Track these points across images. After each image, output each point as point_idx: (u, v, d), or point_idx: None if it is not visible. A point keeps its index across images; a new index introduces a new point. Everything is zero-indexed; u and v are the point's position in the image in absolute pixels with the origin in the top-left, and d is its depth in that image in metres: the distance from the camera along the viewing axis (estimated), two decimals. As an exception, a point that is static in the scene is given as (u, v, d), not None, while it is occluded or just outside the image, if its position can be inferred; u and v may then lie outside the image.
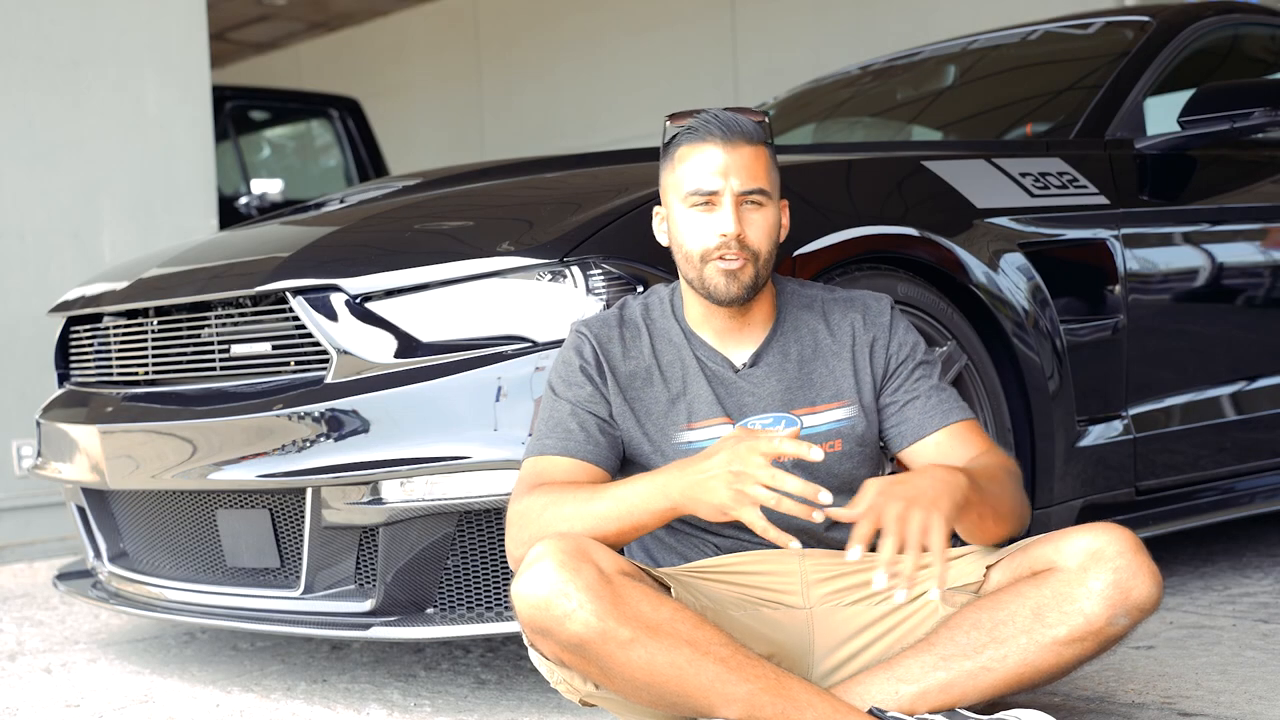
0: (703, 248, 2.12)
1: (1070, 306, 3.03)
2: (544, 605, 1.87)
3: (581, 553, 1.88)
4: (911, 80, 4.24)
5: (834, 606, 2.11)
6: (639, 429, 2.15)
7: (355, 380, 2.53)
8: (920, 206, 2.90)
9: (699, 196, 2.12)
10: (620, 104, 9.61)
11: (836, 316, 2.22)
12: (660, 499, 1.93)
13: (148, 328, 2.98)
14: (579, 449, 2.11)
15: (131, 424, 2.89)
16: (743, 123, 2.13)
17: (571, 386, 2.16)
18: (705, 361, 2.18)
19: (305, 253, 2.76)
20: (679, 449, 2.14)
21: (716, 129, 2.12)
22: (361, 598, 2.58)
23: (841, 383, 2.18)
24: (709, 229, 2.12)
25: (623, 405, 2.15)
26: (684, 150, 2.15)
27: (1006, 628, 1.94)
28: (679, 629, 1.88)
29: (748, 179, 2.11)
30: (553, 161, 3.28)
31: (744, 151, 2.11)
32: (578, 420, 2.13)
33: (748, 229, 2.11)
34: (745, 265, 2.11)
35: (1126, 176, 3.26)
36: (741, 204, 2.11)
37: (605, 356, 2.17)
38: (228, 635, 3.29)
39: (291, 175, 8.44)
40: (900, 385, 2.19)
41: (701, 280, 2.13)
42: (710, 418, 2.14)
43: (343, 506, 2.53)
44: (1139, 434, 3.13)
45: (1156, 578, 1.94)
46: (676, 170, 2.15)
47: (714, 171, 2.11)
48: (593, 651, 1.87)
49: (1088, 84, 3.57)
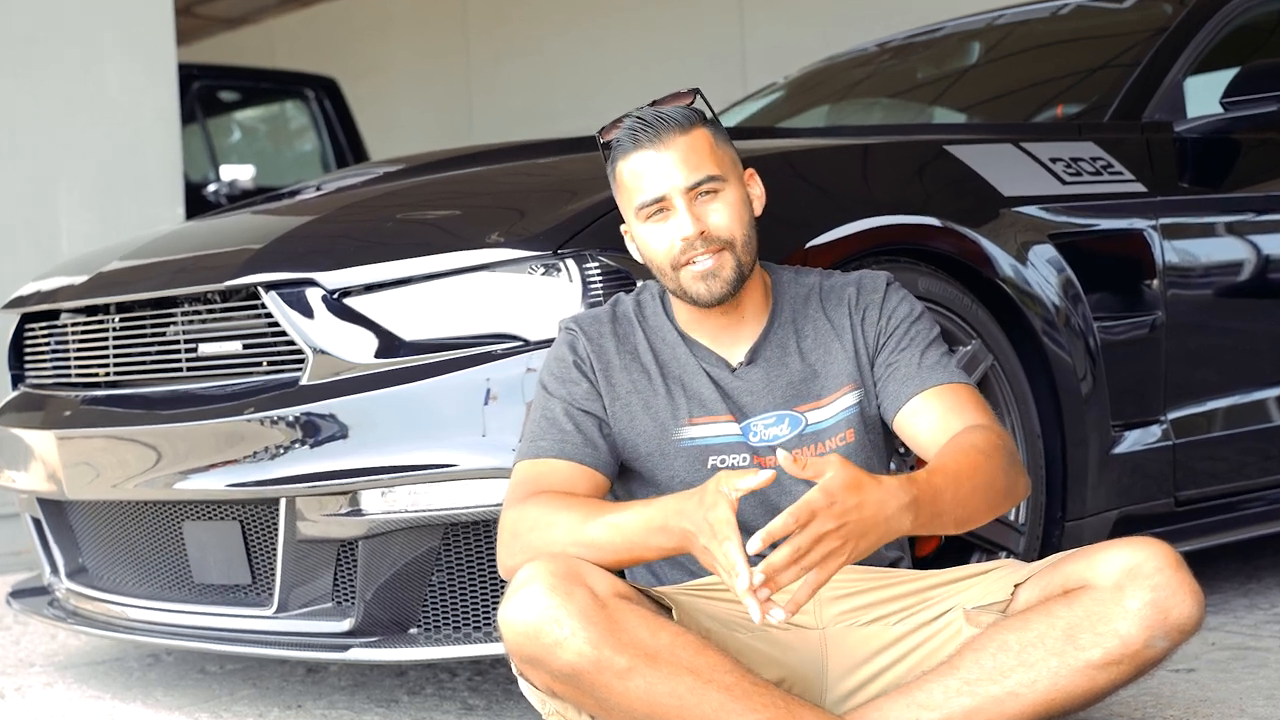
0: (670, 257, 2.14)
1: (1104, 302, 3.03)
2: (533, 633, 1.86)
3: (573, 575, 1.88)
4: (933, 58, 4.24)
5: (849, 626, 2.11)
6: (636, 428, 2.15)
7: (332, 382, 2.53)
8: (942, 194, 2.90)
9: (650, 208, 2.14)
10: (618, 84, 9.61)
11: (833, 301, 2.23)
12: (662, 534, 1.92)
13: (108, 325, 2.98)
14: (576, 451, 2.12)
15: (91, 429, 2.89)
16: (667, 115, 2.14)
17: (565, 384, 2.16)
18: (701, 363, 2.19)
19: (278, 244, 2.76)
20: (680, 447, 2.14)
21: (642, 132, 2.13)
22: (339, 617, 2.58)
23: (845, 367, 2.19)
24: (670, 236, 2.13)
25: (618, 404, 2.15)
26: (621, 166, 2.17)
27: (1036, 650, 1.94)
28: (680, 655, 1.88)
29: (690, 171, 2.12)
30: (546, 146, 3.28)
31: (678, 144, 2.12)
32: (573, 421, 2.13)
33: (710, 220, 2.12)
34: (721, 258, 2.12)
35: (1165, 162, 3.26)
36: (695, 198, 2.12)
37: (599, 352, 2.18)
38: (195, 657, 3.29)
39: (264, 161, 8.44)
40: (886, 357, 2.19)
41: (682, 290, 2.15)
42: (714, 414, 2.15)
43: (319, 518, 2.53)
44: (1179, 440, 3.13)
45: (1198, 596, 1.93)
46: (623, 186, 2.18)
47: (654, 177, 2.12)
48: (587, 682, 1.87)
49: (1123, 62, 3.57)
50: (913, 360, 2.17)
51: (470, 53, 10.76)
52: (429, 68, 11.01)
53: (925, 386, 2.15)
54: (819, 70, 4.55)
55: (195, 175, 7.51)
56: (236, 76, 8.64)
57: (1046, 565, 2.05)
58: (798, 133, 3.63)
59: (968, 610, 2.05)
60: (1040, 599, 2.00)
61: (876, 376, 2.19)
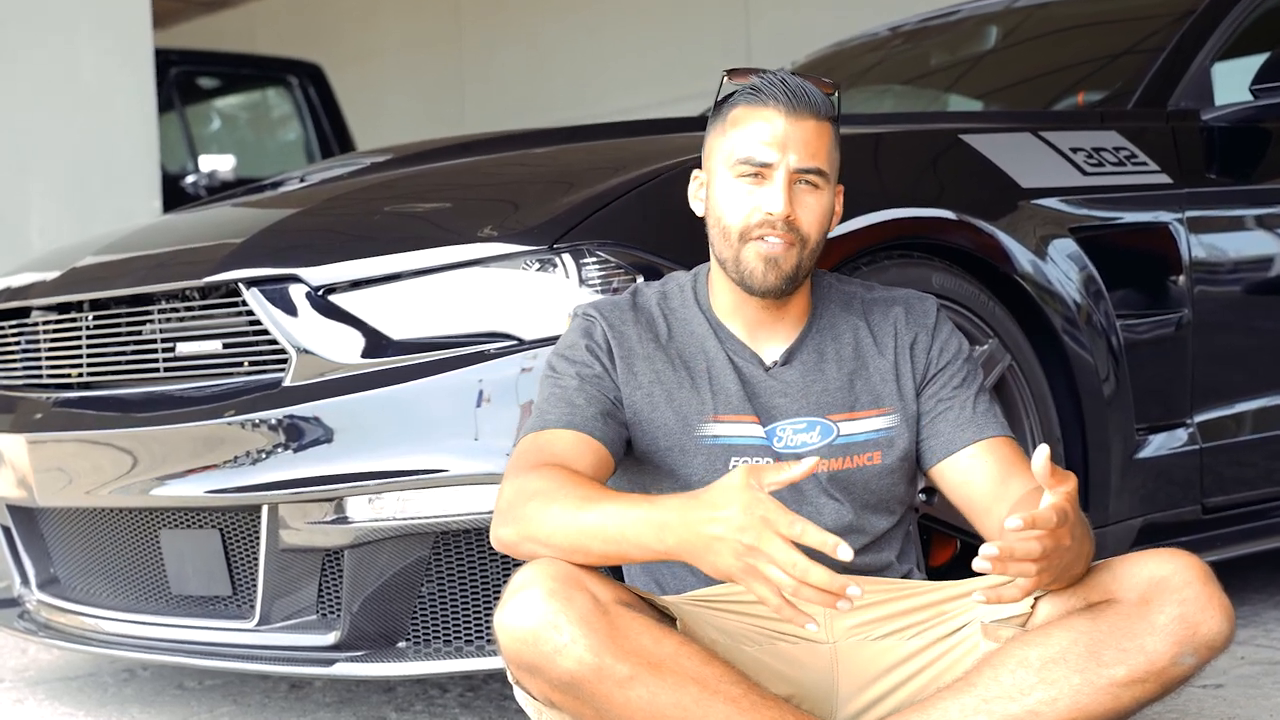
0: (744, 224, 2.12)
1: (1128, 299, 3.02)
2: (532, 639, 1.86)
3: (574, 579, 1.88)
4: (948, 43, 4.24)
5: (861, 640, 2.10)
6: (657, 420, 2.13)
7: (317, 383, 2.53)
8: (958, 186, 2.90)
9: (749, 166, 2.12)
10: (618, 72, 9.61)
11: (878, 316, 2.22)
12: (654, 537, 1.87)
13: (82, 323, 2.98)
14: (585, 423, 2.09)
15: (63, 432, 2.89)
16: (811, 92, 2.14)
17: (576, 364, 2.14)
18: (733, 356, 2.17)
19: (260, 238, 2.75)
20: (702, 444, 2.13)
21: (781, 94, 2.12)
22: (324, 630, 2.58)
23: (882, 388, 2.18)
24: (755, 204, 2.11)
25: (639, 393, 2.13)
26: (740, 112, 2.14)
27: (1058, 667, 1.94)
28: (684, 665, 1.88)
29: (807, 155, 2.11)
30: (542, 135, 3.28)
31: (808, 124, 2.12)
32: (585, 395, 2.11)
33: (799, 210, 2.11)
34: (790, 250, 2.11)
35: (1192, 152, 3.26)
36: (796, 182, 2.11)
37: (619, 339, 2.15)
38: (173, 672, 3.29)
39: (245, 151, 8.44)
40: (936, 393, 2.19)
41: (737, 263, 2.13)
42: (739, 413, 2.14)
43: (303, 526, 2.53)
44: (1206, 444, 3.12)
45: (1227, 610, 1.93)
46: (728, 133, 2.15)
47: (771, 141, 2.11)
48: (587, 691, 1.86)
49: (1147, 47, 3.56)
50: (966, 404, 2.17)
51: (463, 38, 10.77)
52: (419, 53, 11.01)
53: (981, 437, 2.16)
54: (828, 56, 4.54)
55: (173, 166, 7.51)
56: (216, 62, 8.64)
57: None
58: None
59: (986, 624, 2.04)
60: (1062, 613, 2.00)
61: (922, 410, 2.19)
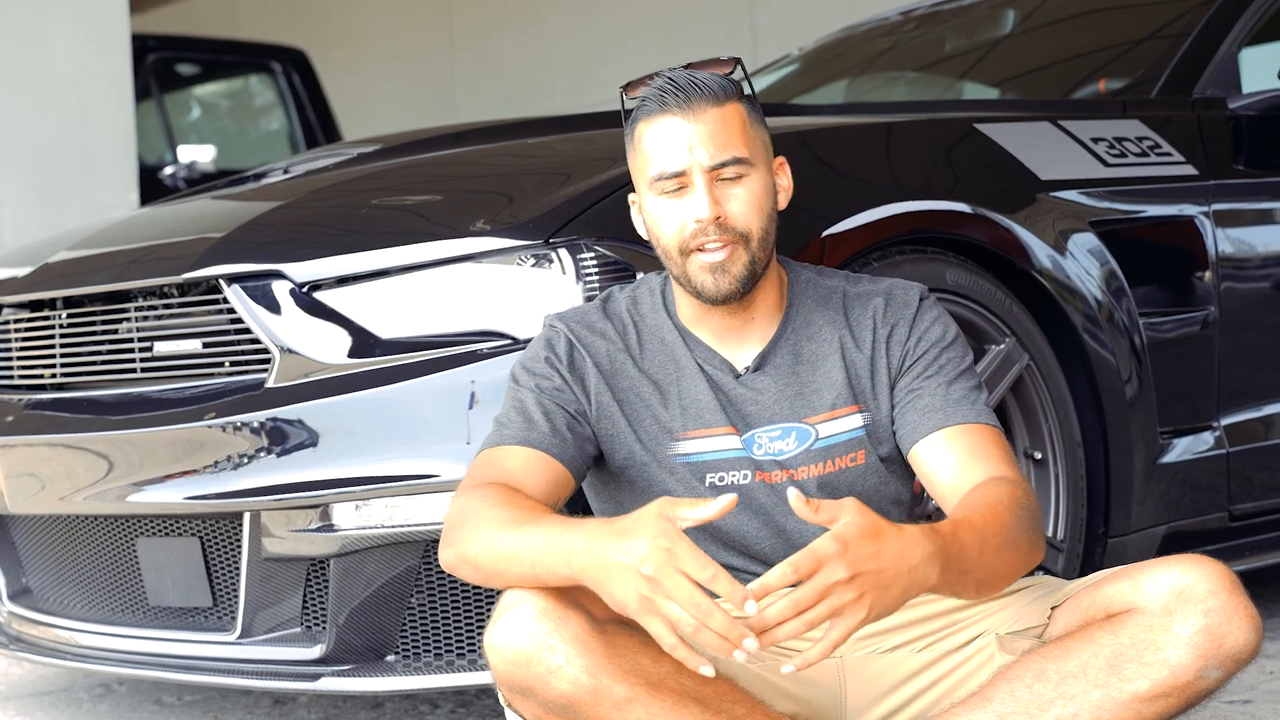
0: (679, 239, 2.11)
1: (1152, 296, 3.02)
2: (524, 660, 1.86)
3: (567, 596, 1.88)
4: (962, 27, 4.24)
5: (870, 654, 2.10)
6: (627, 439, 2.14)
7: (302, 384, 2.53)
8: (973, 178, 2.90)
9: (666, 180, 2.11)
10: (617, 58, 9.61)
11: (858, 310, 2.20)
12: (561, 562, 1.84)
13: (55, 322, 2.98)
14: (541, 440, 2.09)
15: (35, 436, 2.89)
16: (703, 81, 2.11)
17: (535, 376, 2.15)
18: (703, 365, 2.17)
19: (242, 233, 2.75)
20: (675, 463, 2.13)
21: (672, 96, 2.10)
22: (309, 643, 2.58)
23: (858, 385, 2.17)
24: (683, 216, 2.11)
25: (610, 405, 2.14)
26: (641, 127, 2.14)
27: (1076, 681, 1.94)
28: (685, 684, 1.88)
29: (718, 148, 2.10)
30: (537, 124, 3.28)
31: (709, 116, 2.10)
32: (542, 409, 2.11)
33: (728, 206, 2.10)
34: (734, 251, 2.09)
35: (1218, 142, 3.26)
36: (716, 179, 2.10)
37: (585, 350, 2.15)
38: (150, 687, 3.29)
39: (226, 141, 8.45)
40: (909, 383, 2.17)
41: (687, 279, 2.13)
42: (713, 426, 2.14)
43: (287, 534, 2.53)
44: (1233, 448, 3.13)
45: (1255, 621, 1.93)
46: (638, 152, 2.15)
47: (677, 147, 2.09)
48: (583, 713, 1.86)
49: (1172, 32, 3.57)
50: (938, 390, 2.15)
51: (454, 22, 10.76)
52: (408, 37, 11.00)
53: (949, 422, 2.13)
54: (837, 41, 4.55)
55: (150, 157, 7.51)
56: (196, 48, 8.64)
57: (1087, 586, 2.05)
58: (813, 110, 3.63)
59: (1001, 636, 2.04)
60: (1080, 624, 2.00)
61: (896, 400, 2.17)
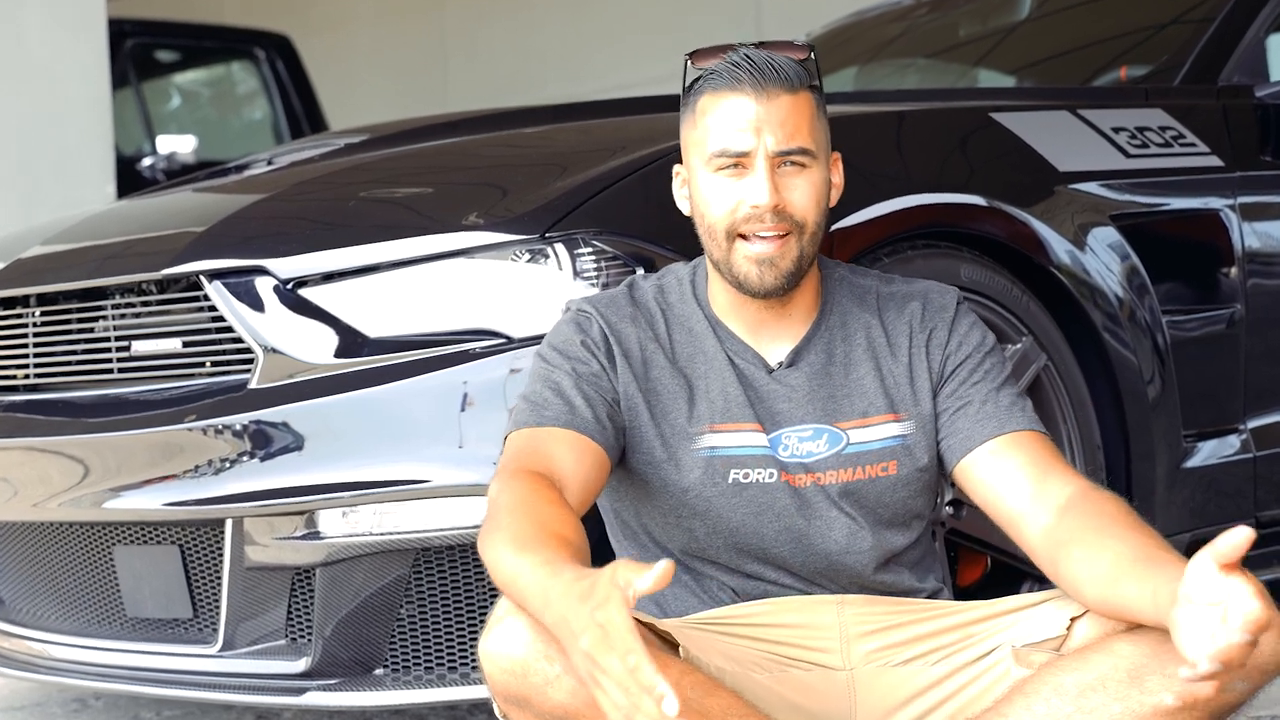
0: (730, 220, 2.11)
1: (1175, 293, 3.03)
2: (520, 670, 1.86)
3: (565, 602, 1.87)
4: (978, 12, 4.24)
5: (881, 667, 2.11)
6: (654, 430, 2.14)
7: (286, 385, 2.54)
8: (988, 170, 2.90)
9: (726, 159, 2.11)
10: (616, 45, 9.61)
11: (893, 312, 2.21)
12: (540, 606, 1.83)
13: (28, 320, 2.98)
14: (585, 426, 2.07)
15: (7, 439, 2.89)
16: (780, 64, 2.12)
17: (571, 359, 2.13)
18: (733, 357, 2.17)
19: (224, 227, 2.76)
20: (698, 456, 2.13)
21: (747, 74, 2.11)
22: (294, 655, 2.58)
23: (896, 392, 2.18)
24: (738, 198, 2.11)
25: (636, 397, 2.13)
26: (707, 100, 2.14)
27: (1096, 695, 1.94)
28: (688, 696, 1.87)
29: (786, 136, 2.10)
30: (532, 114, 3.28)
31: (781, 101, 2.11)
32: (582, 394, 2.10)
33: (788, 196, 2.10)
34: (787, 244, 2.10)
35: (1245, 132, 3.26)
36: (779, 166, 2.11)
37: (616, 338, 2.14)
38: (128, 702, 3.29)
39: (207, 130, 8.44)
40: (954, 390, 2.18)
41: (729, 266, 2.12)
42: (739, 421, 2.14)
43: (271, 542, 2.53)
44: (1260, 452, 3.13)
45: (1283, 633, 1.93)
46: (699, 125, 2.14)
47: (744, 128, 2.10)
48: (582, 725, 1.87)
49: (1196, 17, 3.57)
50: (987, 398, 2.16)
51: (445, 7, 10.76)
52: (397, 24, 11.00)
53: (1004, 430, 2.14)
54: (846, 27, 4.55)
55: (128, 147, 7.51)
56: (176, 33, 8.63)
57: (1108, 596, 2.05)
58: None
59: (1017, 648, 2.04)
60: (1100, 635, 2.00)
61: (940, 409, 2.18)
